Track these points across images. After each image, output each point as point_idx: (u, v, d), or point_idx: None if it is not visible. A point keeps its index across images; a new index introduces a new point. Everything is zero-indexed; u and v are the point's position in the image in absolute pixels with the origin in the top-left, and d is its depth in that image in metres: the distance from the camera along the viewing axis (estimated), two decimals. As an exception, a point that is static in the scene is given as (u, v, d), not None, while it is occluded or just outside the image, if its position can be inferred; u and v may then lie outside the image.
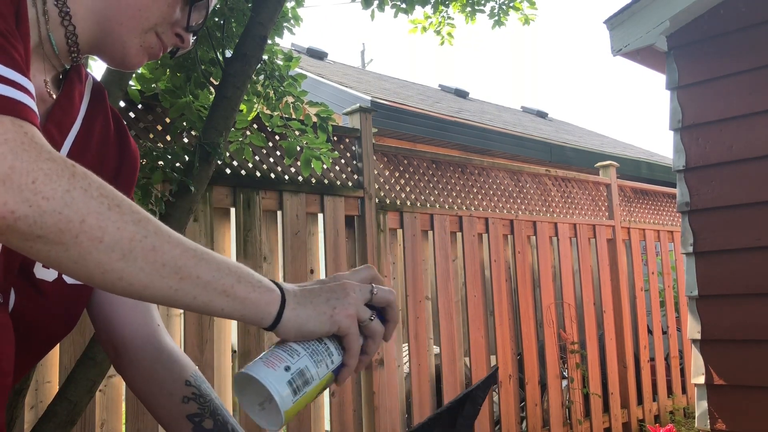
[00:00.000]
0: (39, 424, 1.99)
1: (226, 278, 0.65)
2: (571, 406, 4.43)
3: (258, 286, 0.67)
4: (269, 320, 0.68)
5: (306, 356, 0.70)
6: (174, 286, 0.62)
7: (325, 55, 9.77)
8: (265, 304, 0.68)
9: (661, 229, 5.56)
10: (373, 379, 3.30)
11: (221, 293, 0.65)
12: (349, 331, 0.71)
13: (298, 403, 0.69)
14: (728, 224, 2.62)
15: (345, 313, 0.71)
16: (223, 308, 0.65)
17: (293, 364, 0.69)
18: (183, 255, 0.62)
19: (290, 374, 0.68)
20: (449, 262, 3.84)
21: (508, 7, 3.89)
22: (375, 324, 0.74)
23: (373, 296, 0.75)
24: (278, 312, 0.68)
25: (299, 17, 2.69)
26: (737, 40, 2.63)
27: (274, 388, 0.66)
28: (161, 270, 0.61)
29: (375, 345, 0.75)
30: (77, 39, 0.76)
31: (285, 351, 0.70)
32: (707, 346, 2.66)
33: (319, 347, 0.71)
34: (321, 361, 0.71)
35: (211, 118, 2.23)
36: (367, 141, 3.46)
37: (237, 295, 0.66)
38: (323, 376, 0.71)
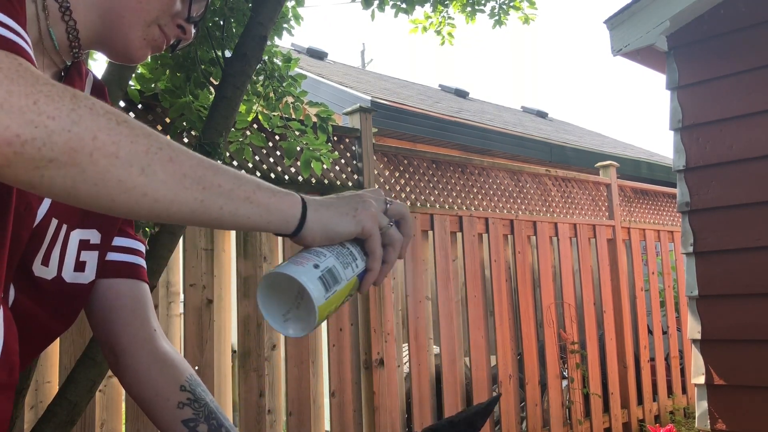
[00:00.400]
0: (39, 424, 1.99)
1: (247, 185, 0.64)
2: (571, 406, 4.43)
3: (277, 192, 0.67)
4: (294, 223, 0.67)
5: (332, 257, 0.69)
6: (199, 197, 0.60)
7: (325, 55, 9.77)
8: (288, 207, 0.67)
9: (661, 229, 5.56)
10: (373, 379, 3.30)
11: (245, 200, 0.63)
12: (372, 232, 0.71)
13: (330, 302, 0.68)
14: (728, 224, 2.61)
15: (368, 214, 0.70)
16: (249, 216, 0.64)
17: (321, 262, 0.68)
18: (200, 165, 0.61)
19: (320, 270, 0.67)
20: (449, 262, 3.84)
21: (508, 7, 3.89)
22: (394, 231, 0.74)
23: (388, 207, 0.74)
24: (302, 215, 0.67)
25: (299, 16, 2.69)
26: (737, 40, 2.63)
27: (307, 283, 0.66)
28: (183, 181, 0.59)
29: (395, 253, 0.74)
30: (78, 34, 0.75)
31: (311, 252, 0.69)
32: (707, 346, 2.65)
33: (343, 251, 0.71)
34: (347, 263, 0.70)
35: (211, 118, 2.22)
36: (367, 141, 3.46)
37: (261, 201, 0.65)
38: (349, 278, 0.70)
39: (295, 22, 2.67)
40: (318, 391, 3.15)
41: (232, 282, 2.93)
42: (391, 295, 3.50)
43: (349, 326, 3.28)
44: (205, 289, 2.76)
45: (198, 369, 2.67)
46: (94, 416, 2.41)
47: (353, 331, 3.31)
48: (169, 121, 2.58)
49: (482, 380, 3.87)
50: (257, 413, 2.85)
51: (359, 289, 0.73)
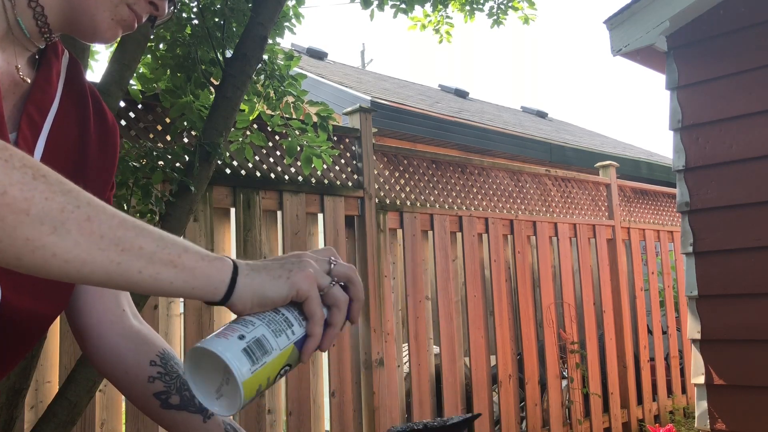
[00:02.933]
0: (39, 424, 1.99)
1: (172, 248, 0.60)
2: (571, 406, 4.43)
3: (206, 256, 0.63)
4: (222, 289, 0.63)
5: (262, 325, 0.64)
6: (116, 259, 0.57)
7: (325, 55, 9.77)
8: (216, 272, 0.62)
9: (661, 229, 5.57)
10: (373, 379, 3.30)
11: (168, 264, 0.60)
12: (309, 294, 0.65)
13: (258, 375, 0.62)
14: (728, 224, 2.62)
15: (303, 275, 0.65)
16: (172, 281, 0.60)
17: (248, 333, 0.63)
18: (121, 225, 0.58)
19: (245, 342, 0.62)
20: (449, 262, 3.84)
21: (507, 7, 3.89)
22: (337, 290, 0.68)
23: (332, 268, 0.69)
24: (231, 280, 0.63)
25: (300, 15, 2.70)
26: (737, 40, 2.63)
27: (228, 358, 0.60)
28: (99, 242, 0.56)
29: (340, 315, 0.68)
30: (47, 20, 0.75)
31: (239, 323, 0.64)
32: (707, 346, 2.66)
33: (276, 317, 0.65)
34: (280, 330, 0.64)
35: (212, 118, 2.23)
36: (367, 141, 3.46)
37: (185, 265, 0.61)
38: (284, 347, 0.64)
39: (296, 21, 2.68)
40: (318, 391, 3.16)
41: (232, 282, 2.93)
42: (391, 295, 3.50)
43: (349, 326, 3.28)
44: (205, 289, 2.75)
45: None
46: (94, 416, 2.41)
47: (353, 331, 3.31)
48: (170, 121, 2.58)
49: (482, 380, 3.87)
50: (257, 413, 2.86)
51: (300, 359, 0.67)
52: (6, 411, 2.01)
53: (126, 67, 2.06)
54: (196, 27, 2.42)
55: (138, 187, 2.10)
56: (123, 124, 2.58)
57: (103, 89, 2.00)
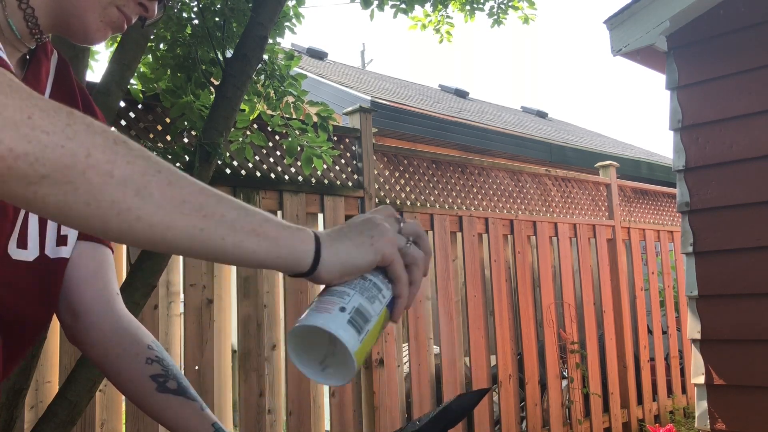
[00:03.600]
0: (39, 424, 1.99)
1: (253, 217, 0.60)
2: (571, 406, 4.43)
3: (287, 227, 0.62)
4: (308, 261, 0.62)
5: (356, 294, 0.64)
6: (199, 225, 0.56)
7: (325, 55, 9.77)
8: (300, 243, 0.61)
9: (661, 229, 5.57)
10: (373, 379, 3.30)
11: (250, 232, 0.59)
12: (393, 257, 0.66)
13: (365, 344, 0.63)
14: (728, 224, 2.62)
15: (385, 240, 0.66)
16: (255, 250, 0.59)
17: (347, 303, 0.63)
18: (202, 192, 0.57)
19: (348, 314, 0.62)
20: (449, 262, 3.84)
21: (507, 7, 3.90)
22: (414, 249, 0.69)
23: (402, 226, 0.70)
24: (315, 251, 0.62)
25: (300, 15, 2.70)
26: (737, 40, 2.63)
27: (337, 331, 0.61)
28: (182, 207, 0.55)
29: (420, 272, 0.69)
30: (37, 21, 0.76)
31: (333, 295, 0.64)
32: (707, 346, 2.66)
33: (366, 284, 0.66)
34: (373, 297, 0.65)
35: (212, 118, 2.23)
36: (367, 141, 3.46)
37: (268, 234, 0.60)
38: (379, 312, 0.66)
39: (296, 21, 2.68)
40: (318, 391, 3.16)
41: (232, 282, 2.93)
42: (391, 295, 3.50)
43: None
44: (206, 289, 2.76)
45: (198, 369, 2.68)
46: (94, 416, 2.41)
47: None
48: (170, 121, 2.58)
49: (482, 380, 3.87)
50: (257, 413, 2.86)
51: (392, 319, 0.68)
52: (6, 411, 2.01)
53: (126, 67, 2.06)
54: (197, 27, 2.42)
55: (138, 187, 2.10)
56: (123, 124, 2.58)
57: (103, 89, 2.00)
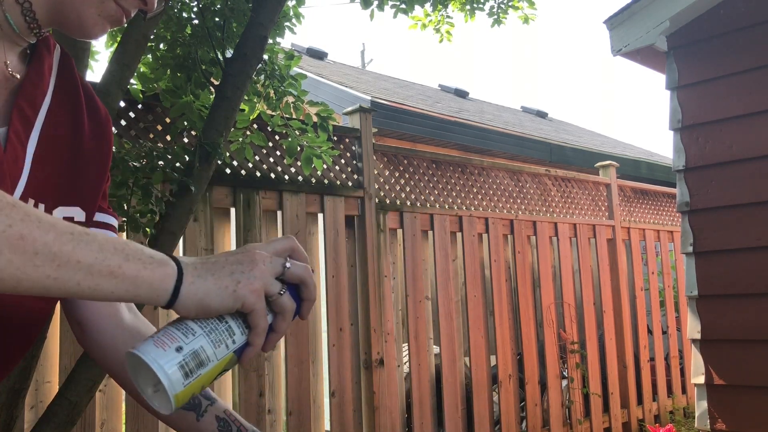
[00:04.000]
0: (39, 424, 1.99)
1: (112, 258, 0.60)
2: (571, 406, 4.43)
3: (149, 263, 0.63)
4: (165, 297, 0.63)
5: (202, 335, 0.64)
6: (52, 275, 0.58)
7: (325, 55, 9.77)
8: (159, 281, 0.63)
9: (661, 229, 5.57)
10: (373, 379, 3.30)
11: (108, 275, 0.60)
12: (254, 307, 0.65)
13: (192, 386, 0.63)
14: (728, 224, 2.62)
15: (250, 288, 0.65)
16: (113, 291, 0.61)
17: (187, 344, 0.63)
18: (58, 239, 0.58)
19: (182, 355, 0.62)
20: (449, 262, 3.84)
21: (507, 6, 3.90)
22: (285, 299, 0.68)
23: (286, 270, 0.69)
24: (175, 287, 0.63)
25: (300, 15, 2.70)
26: (737, 40, 2.63)
27: (162, 371, 0.61)
28: (33, 259, 0.56)
29: (285, 323, 0.69)
30: (35, 15, 0.75)
31: (179, 329, 0.64)
32: (707, 346, 2.66)
33: (219, 326, 0.65)
34: (220, 341, 0.64)
35: (212, 118, 2.23)
36: (367, 141, 3.46)
37: (126, 274, 0.61)
38: (222, 357, 0.65)
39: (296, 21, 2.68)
40: (318, 391, 3.16)
41: (232, 282, 2.93)
42: (391, 295, 3.50)
43: (349, 326, 3.28)
44: (206, 288, 2.75)
45: None
46: (94, 416, 2.41)
47: (353, 331, 3.31)
48: (170, 121, 2.58)
49: (482, 380, 3.87)
50: (257, 413, 2.86)
51: (239, 363, 0.68)
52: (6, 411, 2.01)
53: (126, 67, 2.06)
54: (197, 27, 2.42)
55: (138, 187, 2.10)
56: (123, 124, 2.58)
57: (103, 89, 2.00)
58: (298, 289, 0.70)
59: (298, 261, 0.71)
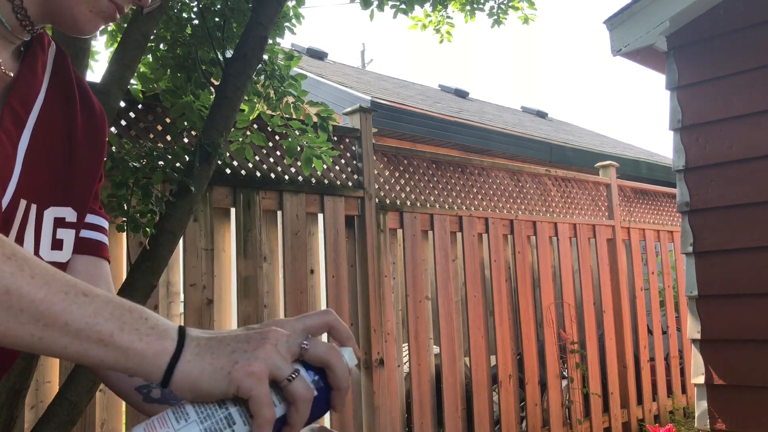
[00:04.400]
0: (39, 424, 1.99)
1: (105, 324, 0.56)
2: (571, 406, 4.43)
3: (147, 334, 0.57)
4: (158, 374, 0.57)
5: (196, 422, 0.58)
6: (37, 335, 0.54)
7: (325, 55, 9.77)
8: (152, 356, 0.57)
9: (661, 229, 5.57)
10: (373, 379, 3.30)
11: (98, 342, 0.56)
12: (251, 393, 0.56)
13: None
14: (728, 224, 2.62)
15: (246, 370, 0.56)
16: (102, 359, 0.56)
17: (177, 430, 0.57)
18: (47, 299, 0.55)
19: None
20: (449, 262, 3.84)
21: (507, 7, 3.90)
22: (296, 385, 0.58)
23: (304, 351, 0.60)
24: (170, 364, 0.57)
25: (300, 15, 2.70)
26: (737, 40, 2.63)
27: None
28: (19, 316, 0.54)
29: (299, 415, 0.58)
30: (27, 12, 0.75)
31: (175, 413, 0.59)
32: (707, 346, 2.66)
33: (217, 413, 0.58)
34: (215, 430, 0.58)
35: (212, 118, 2.23)
36: (367, 141, 3.46)
37: (118, 344, 0.56)
38: None
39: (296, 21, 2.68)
40: (318, 391, 3.15)
41: (232, 282, 2.93)
42: (391, 295, 3.50)
43: (348, 326, 3.28)
44: (205, 289, 2.76)
45: None
46: (94, 416, 2.41)
47: (353, 331, 3.31)
48: (170, 121, 2.58)
49: (482, 380, 3.87)
50: (257, 413, 2.85)
51: None
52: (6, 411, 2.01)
53: (126, 67, 2.06)
54: (197, 27, 2.42)
55: (138, 187, 2.10)
56: (123, 124, 2.58)
57: (103, 89, 2.00)
58: (324, 374, 0.61)
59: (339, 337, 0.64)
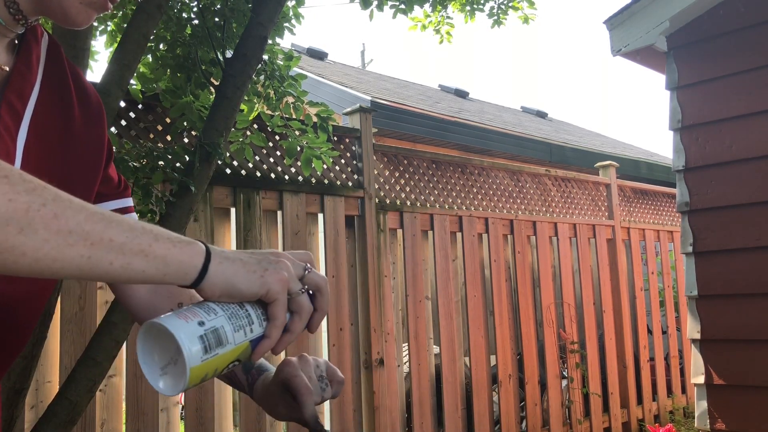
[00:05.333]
0: (39, 424, 1.99)
1: (142, 237, 0.61)
2: (570, 406, 4.43)
3: (178, 242, 0.63)
4: (193, 274, 0.63)
5: (224, 317, 0.64)
6: (86, 254, 0.58)
7: (325, 55, 9.77)
8: (188, 258, 0.63)
9: (660, 229, 5.57)
10: (373, 379, 3.30)
11: (139, 253, 0.60)
12: (278, 296, 0.66)
13: (208, 364, 0.62)
14: (728, 224, 2.62)
15: (277, 277, 0.66)
16: (144, 270, 0.61)
17: (208, 321, 0.63)
18: (89, 219, 0.58)
19: (203, 329, 0.62)
20: (449, 262, 3.84)
21: (507, 7, 3.90)
22: (304, 299, 0.69)
23: (306, 274, 0.71)
24: (203, 266, 0.64)
25: (300, 15, 2.70)
26: (737, 40, 2.63)
27: (182, 339, 0.61)
28: (68, 238, 0.56)
29: (300, 323, 0.69)
30: (19, 6, 0.75)
31: (202, 308, 0.65)
32: (707, 346, 2.66)
33: (239, 311, 0.66)
34: (240, 325, 0.65)
35: (212, 118, 2.23)
36: (367, 141, 3.46)
37: (157, 253, 0.61)
38: (239, 343, 0.65)
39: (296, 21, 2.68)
40: (318, 391, 3.15)
41: (232, 282, 2.93)
42: (391, 295, 3.50)
43: (349, 326, 3.28)
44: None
45: None
46: (95, 416, 2.41)
47: (353, 330, 3.32)
48: (170, 121, 2.58)
49: (482, 380, 3.87)
50: (257, 412, 2.86)
51: (251, 357, 0.67)
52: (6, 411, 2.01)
53: (126, 67, 2.06)
54: (197, 27, 2.42)
55: (138, 187, 2.11)
56: (123, 124, 2.58)
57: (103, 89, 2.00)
58: (313, 296, 0.71)
59: None
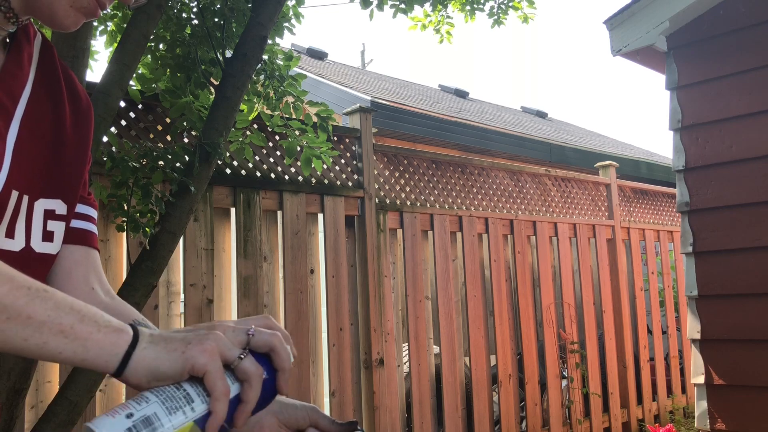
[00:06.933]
0: (39, 424, 1.99)
1: (66, 317, 0.60)
2: (570, 406, 4.43)
3: (105, 326, 0.62)
4: (114, 363, 0.61)
5: (157, 403, 0.61)
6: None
7: (325, 55, 9.77)
8: (110, 345, 0.61)
9: (660, 229, 5.57)
10: (373, 379, 3.30)
11: (58, 333, 0.59)
12: (206, 368, 0.61)
13: None
14: (728, 224, 2.62)
15: (200, 348, 0.62)
16: (61, 351, 0.60)
17: (138, 410, 0.60)
18: (11, 293, 0.58)
19: (131, 421, 0.59)
20: (449, 262, 3.84)
21: (507, 7, 3.90)
22: (246, 364, 0.64)
23: (251, 338, 0.66)
24: (126, 353, 0.62)
25: (300, 15, 2.70)
26: (737, 40, 2.63)
27: None
28: None
29: (252, 390, 0.64)
30: (10, 4, 0.75)
31: (134, 399, 0.62)
32: (707, 346, 2.66)
33: (175, 393, 0.62)
34: (176, 408, 0.61)
35: (212, 118, 2.23)
36: (367, 141, 3.46)
37: (77, 335, 0.60)
38: (180, 426, 0.61)
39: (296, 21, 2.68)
40: (318, 391, 3.16)
41: (232, 282, 2.94)
42: (391, 295, 3.50)
43: (349, 326, 3.28)
44: (206, 288, 2.76)
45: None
46: (95, 416, 2.40)
47: (353, 330, 3.32)
48: (170, 121, 2.58)
49: (482, 380, 3.87)
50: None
51: None
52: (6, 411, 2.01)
53: (126, 67, 2.06)
54: (196, 27, 2.42)
55: (138, 187, 2.10)
56: (123, 124, 2.58)
57: (103, 89, 2.00)
58: (269, 358, 0.67)
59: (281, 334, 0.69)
